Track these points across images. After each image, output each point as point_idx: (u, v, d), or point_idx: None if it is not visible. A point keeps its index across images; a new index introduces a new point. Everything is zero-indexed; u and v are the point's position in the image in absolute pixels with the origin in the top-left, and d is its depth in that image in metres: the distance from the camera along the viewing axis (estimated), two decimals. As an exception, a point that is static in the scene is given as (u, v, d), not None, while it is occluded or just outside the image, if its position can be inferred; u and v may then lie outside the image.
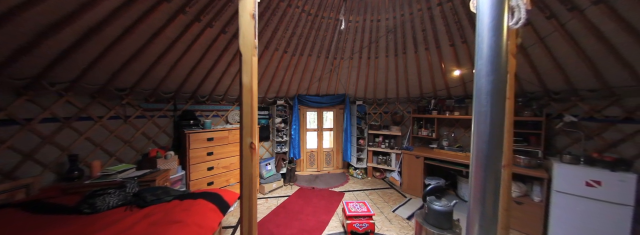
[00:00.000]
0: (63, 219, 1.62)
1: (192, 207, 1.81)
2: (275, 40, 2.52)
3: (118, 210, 1.71)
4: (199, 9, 1.81)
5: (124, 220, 1.56)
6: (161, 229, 1.49)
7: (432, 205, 1.52)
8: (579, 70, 2.25)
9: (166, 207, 1.77)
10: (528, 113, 2.81)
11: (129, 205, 1.76)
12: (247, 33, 1.00)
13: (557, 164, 2.37)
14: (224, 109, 3.56)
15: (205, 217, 1.78)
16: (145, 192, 1.87)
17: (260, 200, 3.35)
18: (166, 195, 1.92)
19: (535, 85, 2.69)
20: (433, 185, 1.57)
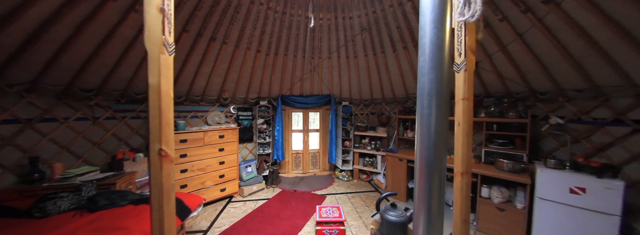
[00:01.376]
0: (13, 222, 1.58)
1: (145, 212, 1.76)
2: (245, 38, 2.46)
3: (68, 214, 1.67)
4: None
5: (68, 226, 1.51)
6: (103, 233, 1.44)
7: (385, 215, 1.41)
8: (563, 68, 2.10)
9: (117, 212, 1.72)
10: (513, 114, 2.66)
11: (80, 209, 1.72)
12: (154, 29, 0.92)
13: (540, 169, 2.23)
14: (204, 110, 3.51)
15: (158, 222, 1.72)
16: (100, 196, 1.82)
17: (237, 204, 3.29)
18: (121, 199, 1.87)
19: (520, 85, 2.55)
20: (388, 193, 1.47)
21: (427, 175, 1.03)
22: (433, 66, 0.97)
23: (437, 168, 1.03)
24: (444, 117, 1.03)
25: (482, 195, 2.63)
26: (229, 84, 3.25)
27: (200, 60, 2.53)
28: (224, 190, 3.31)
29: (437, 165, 1.03)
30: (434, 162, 1.04)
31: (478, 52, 2.35)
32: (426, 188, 1.05)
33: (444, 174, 1.04)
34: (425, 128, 1.05)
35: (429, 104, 1.02)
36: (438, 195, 1.05)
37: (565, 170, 2.15)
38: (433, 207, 1.04)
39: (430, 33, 0.97)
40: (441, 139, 1.05)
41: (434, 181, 1.03)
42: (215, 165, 3.20)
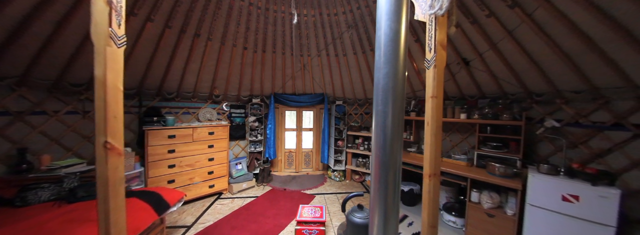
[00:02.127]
0: (-3, 211, 1.64)
1: (121, 205, 1.78)
2: (230, 35, 2.46)
3: (47, 204, 1.71)
4: (131, 2, 1.78)
5: (43, 215, 1.55)
6: (72, 226, 1.46)
7: (350, 217, 1.36)
8: (558, 68, 1.98)
9: (93, 204, 1.74)
10: (507, 116, 2.54)
11: (60, 200, 1.76)
12: (100, 21, 0.92)
13: (532, 174, 2.11)
14: (196, 106, 3.55)
15: (131, 216, 1.71)
16: (79, 188, 1.86)
17: (225, 201, 3.30)
18: (102, 191, 1.91)
19: (515, 85, 2.43)
20: (354, 193, 1.42)
21: (382, 175, 0.98)
22: (387, 60, 0.92)
23: (392, 168, 0.98)
24: (399, 115, 0.97)
25: (472, 200, 2.52)
26: (220, 81, 3.27)
27: (187, 56, 2.56)
28: (213, 186, 3.33)
29: (392, 165, 0.98)
30: (389, 162, 0.99)
31: (470, 51, 2.26)
32: (381, 189, 1.00)
33: (399, 175, 0.98)
34: (380, 126, 1.00)
35: (384, 100, 0.97)
36: (393, 197, 1.00)
37: (559, 177, 2.02)
38: (389, 209, 0.99)
39: (384, 25, 0.92)
40: (396, 138, 0.99)
41: (389, 182, 0.98)
42: (204, 162, 3.23)
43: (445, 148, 3.42)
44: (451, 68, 2.62)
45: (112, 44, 0.97)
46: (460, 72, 2.62)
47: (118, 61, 1.00)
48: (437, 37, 1.16)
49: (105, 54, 0.92)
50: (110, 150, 0.98)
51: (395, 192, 0.99)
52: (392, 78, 0.95)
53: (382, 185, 1.01)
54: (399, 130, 0.99)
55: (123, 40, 0.99)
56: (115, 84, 1.01)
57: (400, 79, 0.97)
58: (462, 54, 2.37)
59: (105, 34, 0.92)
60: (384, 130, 0.99)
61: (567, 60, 1.84)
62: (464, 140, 3.21)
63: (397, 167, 1.01)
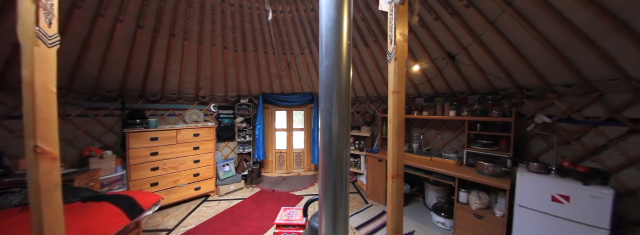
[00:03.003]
0: (-33, 215, 1.63)
1: (89, 210, 1.75)
2: (206, 34, 2.41)
3: (15, 209, 1.69)
4: (96, 3, 1.74)
5: (7, 220, 1.53)
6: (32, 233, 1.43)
7: (311, 222, 1.29)
8: (546, 60, 1.86)
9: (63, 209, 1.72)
10: (496, 113, 2.42)
11: (27, 205, 1.74)
12: (27, 20, 0.87)
13: (520, 173, 2.00)
14: (182, 108, 3.52)
15: (100, 221, 1.70)
16: (50, 192, 1.84)
17: (212, 203, 3.26)
18: (73, 196, 1.88)
19: (504, 80, 2.30)
20: (314, 198, 1.34)
21: (329, 179, 0.90)
22: (328, 52, 0.84)
23: (339, 171, 0.90)
24: (345, 113, 0.89)
25: (461, 201, 2.41)
26: (204, 81, 3.24)
27: (165, 57, 2.52)
28: (199, 189, 3.30)
29: (338, 166, 0.90)
30: (335, 165, 0.90)
31: (454, 44, 2.15)
32: (329, 193, 0.92)
33: (346, 177, 0.90)
34: (326, 125, 0.92)
35: (327, 96, 0.88)
36: (341, 201, 0.91)
37: (549, 175, 1.90)
38: (337, 214, 0.91)
39: (324, 12, 0.84)
40: (343, 138, 0.91)
41: (336, 185, 0.90)
42: (190, 164, 3.20)
43: (436, 146, 3.31)
44: (437, 63, 2.51)
45: (41, 43, 0.91)
46: (447, 68, 2.51)
47: (49, 61, 0.95)
48: (397, 28, 1.08)
49: (32, 54, 0.87)
50: (41, 155, 0.93)
51: (344, 195, 0.91)
52: (334, 72, 0.86)
53: (329, 189, 0.93)
54: (345, 130, 0.91)
55: (55, 39, 0.93)
56: (46, 85, 0.96)
57: (345, 73, 0.88)
58: (447, 48, 2.26)
59: (32, 33, 0.86)
60: (329, 130, 0.91)
61: (554, 51, 1.72)
62: (455, 138, 3.09)
63: (344, 170, 0.92)
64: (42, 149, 0.93)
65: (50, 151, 0.96)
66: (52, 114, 0.98)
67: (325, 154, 0.99)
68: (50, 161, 0.95)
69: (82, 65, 2.19)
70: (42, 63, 0.93)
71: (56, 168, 0.98)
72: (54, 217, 1.00)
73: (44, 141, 0.94)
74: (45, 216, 0.96)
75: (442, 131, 3.24)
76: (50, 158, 0.95)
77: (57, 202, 1.01)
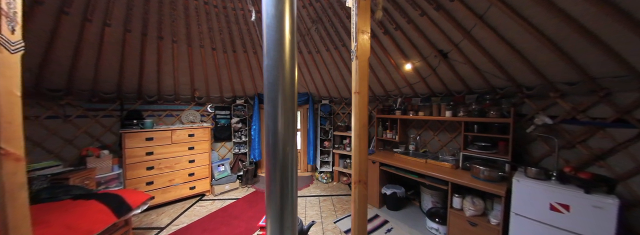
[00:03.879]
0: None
1: (77, 207, 1.81)
2: (194, 36, 2.44)
3: (10, 206, 1.79)
4: (82, 8, 1.81)
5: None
6: None
7: None
8: (544, 56, 1.71)
9: (51, 206, 1.79)
10: (494, 113, 2.27)
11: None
12: None
13: (516, 179, 1.85)
14: (179, 108, 3.61)
15: (85, 218, 1.76)
16: (43, 191, 1.93)
17: (206, 202, 3.31)
18: (64, 194, 1.96)
19: (501, 78, 2.15)
20: None
21: (273, 184, 0.86)
22: (269, 50, 0.80)
23: (284, 174, 0.85)
24: (289, 114, 0.84)
25: (454, 206, 2.28)
26: (198, 83, 3.29)
27: (157, 59, 2.58)
28: (194, 188, 3.36)
29: (283, 170, 0.85)
30: (281, 168, 0.86)
31: (444, 41, 2.03)
32: (274, 197, 0.87)
33: (292, 181, 0.85)
34: (271, 127, 0.87)
35: (271, 98, 0.83)
36: (289, 208, 0.86)
37: (548, 182, 1.75)
38: (284, 223, 0.86)
39: (265, 8, 0.80)
40: (289, 142, 0.86)
41: (282, 189, 0.86)
42: (185, 164, 3.26)
43: (434, 148, 3.16)
44: (430, 61, 2.39)
45: (3, 50, 0.94)
46: (441, 66, 2.39)
47: (12, 67, 0.97)
48: (358, 25, 1.02)
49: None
50: (4, 156, 0.95)
51: (292, 202, 0.86)
52: (277, 71, 0.82)
53: (274, 194, 0.87)
54: (291, 132, 0.86)
55: (18, 45, 0.95)
56: (10, 89, 0.98)
57: (288, 72, 0.83)
58: (437, 45, 2.14)
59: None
60: (273, 132, 0.87)
61: (551, 45, 1.58)
62: (453, 140, 2.94)
63: (290, 173, 0.87)
64: (6, 150, 0.95)
65: (14, 152, 0.97)
66: (17, 117, 1.00)
67: (270, 157, 0.92)
68: (14, 162, 0.97)
69: (77, 69, 2.29)
70: (5, 68, 0.95)
71: (21, 169, 0.99)
72: (19, 217, 1.01)
73: (7, 143, 0.95)
74: (9, 217, 0.98)
75: (439, 133, 3.10)
76: (14, 159, 0.97)
77: (22, 202, 1.02)
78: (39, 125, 2.47)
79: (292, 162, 0.87)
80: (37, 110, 2.47)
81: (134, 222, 2.68)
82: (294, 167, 0.89)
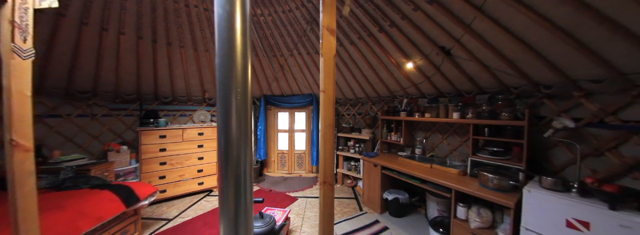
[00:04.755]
0: (3, 193, 2.05)
1: (90, 195, 2.02)
2: (198, 41, 2.59)
3: (40, 192, 2.05)
4: (99, 19, 2.03)
5: (29, 201, 1.86)
6: (40, 211, 1.72)
7: None
8: (560, 49, 1.50)
9: (72, 194, 2.02)
10: (506, 115, 2.04)
11: (51, 188, 2.10)
12: (5, 38, 1.05)
13: (528, 189, 1.65)
14: (192, 109, 3.85)
15: (97, 206, 1.95)
16: (68, 180, 2.19)
17: (212, 198, 3.47)
18: (84, 183, 2.20)
19: (513, 76, 1.94)
20: (254, 200, 1.31)
21: (227, 188, 0.84)
22: (221, 48, 0.80)
23: (237, 178, 0.84)
24: (243, 117, 0.83)
25: (458, 216, 2.10)
26: (207, 84, 3.49)
27: (168, 63, 2.79)
28: (202, 184, 3.54)
29: (236, 175, 0.83)
30: (234, 172, 0.83)
31: (444, 36, 1.89)
32: (228, 202, 0.85)
33: (246, 186, 0.84)
34: (223, 129, 0.83)
35: (223, 98, 0.82)
36: (243, 211, 0.84)
37: (566, 194, 1.52)
38: (238, 225, 0.83)
39: (216, 11, 0.81)
40: (242, 141, 0.83)
41: (236, 194, 0.84)
42: (194, 160, 3.46)
43: (443, 152, 2.95)
44: (432, 59, 2.24)
45: (16, 56, 1.09)
46: (445, 64, 2.22)
47: (24, 71, 1.12)
48: (324, 21, 0.99)
49: (9, 66, 1.04)
50: (15, 147, 1.09)
51: (246, 211, 0.83)
52: (227, 70, 0.82)
53: (226, 205, 0.83)
54: (244, 135, 0.83)
55: (29, 52, 1.10)
56: (22, 90, 1.13)
57: (240, 72, 0.83)
58: (438, 41, 2.00)
59: (8, 48, 1.04)
60: (226, 135, 0.84)
61: (567, 37, 1.38)
62: (463, 144, 2.72)
63: (243, 178, 0.85)
64: (17, 142, 1.09)
65: (24, 144, 1.11)
66: (27, 114, 1.15)
67: (222, 162, 0.87)
68: (23, 152, 1.11)
69: (100, 73, 2.57)
70: (18, 72, 1.10)
71: (30, 158, 1.14)
72: (27, 201, 1.15)
73: (18, 136, 1.10)
74: (18, 199, 1.12)
75: (448, 136, 2.88)
76: (24, 150, 1.11)
77: (30, 187, 1.16)
78: (70, 123, 2.82)
79: (246, 167, 0.84)
80: (69, 110, 2.82)
81: (147, 213, 2.91)
82: (249, 173, 0.84)
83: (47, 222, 1.65)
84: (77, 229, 1.76)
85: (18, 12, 1.07)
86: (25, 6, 1.11)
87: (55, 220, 1.69)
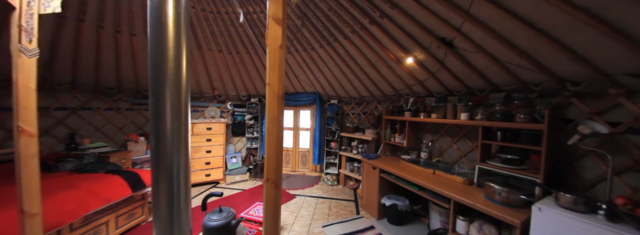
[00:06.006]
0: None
1: (103, 179, 2.26)
2: (201, 40, 2.73)
3: (65, 173, 2.38)
4: (112, 22, 2.25)
5: (53, 179, 2.16)
6: (59, 188, 1.97)
7: (204, 221, 1.24)
8: (582, 34, 1.21)
9: (89, 176, 2.29)
10: (522, 117, 1.74)
11: (75, 171, 2.41)
12: (15, 39, 1.21)
13: (538, 207, 1.38)
14: (204, 105, 4.11)
15: (108, 188, 2.17)
16: (89, 164, 2.49)
17: (217, 190, 3.65)
18: (101, 168, 2.48)
19: (531, 69, 1.64)
20: (213, 192, 1.28)
21: (159, 192, 0.70)
22: (153, 39, 0.76)
23: (170, 180, 0.73)
24: (177, 116, 0.77)
25: (457, 230, 1.86)
26: (216, 82, 3.67)
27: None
28: (209, 175, 3.75)
29: (169, 178, 0.72)
30: (167, 174, 0.72)
31: (443, 27, 1.68)
32: (161, 211, 0.69)
33: (181, 187, 0.75)
34: (155, 125, 0.69)
35: (155, 94, 0.66)
36: (178, 221, 0.70)
37: (589, 216, 1.23)
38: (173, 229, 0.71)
39: (149, 7, 0.79)
40: (177, 140, 0.73)
41: (170, 201, 0.69)
42: (202, 153, 3.68)
43: (452, 158, 2.65)
44: (434, 53, 2.01)
45: (23, 55, 1.25)
46: (449, 58, 1.98)
47: (29, 67, 1.27)
48: (270, 10, 0.94)
49: (17, 63, 1.20)
50: (21, 133, 1.26)
51: (181, 217, 0.72)
52: (159, 65, 0.75)
53: (159, 210, 0.65)
54: (177, 133, 0.73)
55: (34, 52, 1.26)
56: (27, 84, 1.29)
57: (172, 67, 0.76)
58: (436, 32, 1.78)
59: (16, 48, 1.20)
60: (158, 133, 0.70)
61: (589, 18, 1.10)
62: (475, 149, 2.40)
63: (180, 185, 0.73)
64: (23, 128, 1.25)
65: (29, 130, 1.27)
66: (32, 104, 1.31)
67: (155, 163, 0.75)
68: (28, 137, 1.27)
69: (121, 71, 2.89)
70: (24, 68, 1.27)
71: (33, 142, 1.30)
72: (30, 178, 1.31)
73: (24, 122, 1.25)
74: (23, 176, 1.27)
75: (459, 139, 2.58)
76: (28, 135, 1.27)
77: (33, 167, 1.31)
78: (99, 115, 3.22)
79: (180, 169, 0.69)
80: (98, 103, 3.22)
81: (157, 199, 3.18)
82: (184, 175, 0.70)
83: (63, 198, 1.89)
84: (87, 207, 1.99)
85: (25, 17, 1.23)
86: (31, 12, 1.26)
87: (70, 198, 1.92)
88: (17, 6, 1.20)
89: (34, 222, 1.27)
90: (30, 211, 1.25)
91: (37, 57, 1.24)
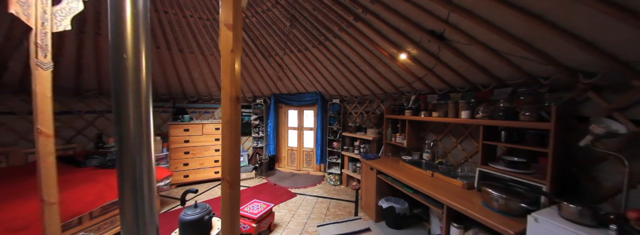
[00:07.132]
0: (70, 168, 2.77)
1: (119, 174, 2.54)
2: (204, 46, 2.88)
3: (90, 168, 2.72)
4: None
5: (79, 173, 2.47)
6: (81, 180, 2.25)
7: (180, 216, 1.31)
8: (592, 17, 1.03)
9: (108, 171, 2.58)
10: (528, 114, 1.54)
11: (99, 166, 2.74)
12: (32, 55, 1.41)
13: (534, 217, 1.22)
14: (214, 107, 4.36)
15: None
16: (110, 160, 2.81)
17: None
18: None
19: (535, 60, 1.44)
20: (188, 189, 1.34)
21: (124, 198, 0.78)
22: (113, 35, 0.83)
23: (134, 190, 0.80)
24: (139, 116, 0.83)
25: (451, 238, 1.72)
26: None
27: (185, 68, 3.23)
28: (218, 172, 3.97)
29: (134, 183, 0.80)
30: (132, 180, 0.79)
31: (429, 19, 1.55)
32: (127, 219, 0.75)
33: (144, 197, 0.82)
34: (118, 128, 0.77)
35: (117, 93, 0.82)
36: (141, 218, 0.76)
37: (596, 231, 1.05)
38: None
39: (109, 4, 0.86)
40: (138, 144, 0.78)
41: (136, 208, 0.76)
42: (212, 152, 3.92)
43: (457, 159, 2.46)
44: (427, 47, 1.87)
45: (39, 68, 1.45)
46: (443, 52, 1.83)
47: (45, 79, 1.47)
48: (222, 16, 0.96)
49: (35, 75, 1.40)
50: (39, 133, 1.47)
51: (144, 215, 0.79)
52: (118, 62, 0.83)
53: (126, 218, 0.72)
54: (138, 137, 0.79)
55: (49, 65, 1.45)
56: (43, 92, 1.49)
57: (131, 64, 0.83)
58: (424, 25, 1.65)
59: (34, 63, 1.40)
60: (121, 137, 0.77)
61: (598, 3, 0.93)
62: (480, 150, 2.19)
63: (143, 191, 0.79)
64: (40, 130, 1.45)
65: (46, 131, 1.47)
66: (48, 109, 1.51)
67: (119, 168, 0.79)
68: (45, 137, 1.47)
69: (138, 76, 3.20)
70: (40, 79, 1.47)
71: (50, 142, 1.50)
72: (48, 173, 1.52)
73: (41, 125, 1.46)
74: (42, 171, 1.48)
75: (464, 139, 2.38)
76: (46, 135, 1.47)
77: (50, 163, 1.51)
78: (123, 117, 3.60)
79: (142, 174, 0.71)
80: (122, 106, 3.61)
81: (172, 193, 3.47)
82: (148, 180, 0.72)
83: (84, 190, 2.16)
84: (103, 198, 2.25)
85: (40, 36, 1.42)
86: (45, 31, 1.45)
87: (90, 190, 2.19)
88: (33, 26, 1.39)
89: (52, 209, 1.46)
90: (49, 200, 1.44)
91: (51, 69, 1.43)
